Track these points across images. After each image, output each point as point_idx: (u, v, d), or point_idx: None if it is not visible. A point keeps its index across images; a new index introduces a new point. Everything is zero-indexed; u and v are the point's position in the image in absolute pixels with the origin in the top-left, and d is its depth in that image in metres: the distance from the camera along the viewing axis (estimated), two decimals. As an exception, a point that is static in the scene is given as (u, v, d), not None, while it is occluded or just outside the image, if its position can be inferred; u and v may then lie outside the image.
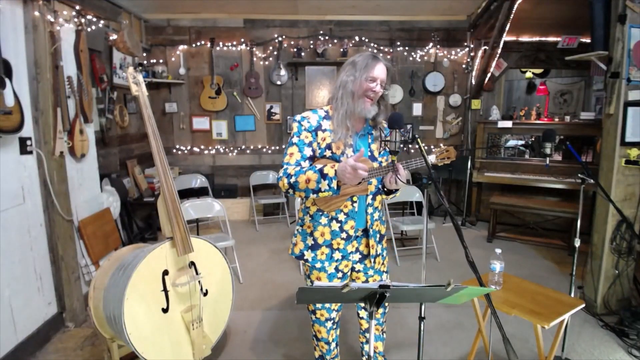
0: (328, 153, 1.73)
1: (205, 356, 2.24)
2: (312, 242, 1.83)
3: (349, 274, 1.91)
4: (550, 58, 5.28)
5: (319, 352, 2.06)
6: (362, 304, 1.89)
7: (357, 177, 1.50)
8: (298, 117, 1.78)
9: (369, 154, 1.82)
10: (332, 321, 1.97)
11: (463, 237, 1.44)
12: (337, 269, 1.85)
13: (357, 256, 1.89)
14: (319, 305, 1.92)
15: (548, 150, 2.30)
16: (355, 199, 1.79)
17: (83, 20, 3.08)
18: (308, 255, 1.85)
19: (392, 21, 5.37)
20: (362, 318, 2.08)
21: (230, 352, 2.57)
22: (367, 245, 1.89)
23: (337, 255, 1.83)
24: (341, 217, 1.80)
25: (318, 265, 1.84)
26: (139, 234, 4.36)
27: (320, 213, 1.81)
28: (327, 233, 1.81)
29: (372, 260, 1.89)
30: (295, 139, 1.75)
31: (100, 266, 2.81)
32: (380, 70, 1.71)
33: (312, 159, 1.75)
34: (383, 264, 1.97)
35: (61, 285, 2.76)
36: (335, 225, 1.80)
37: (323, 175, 1.57)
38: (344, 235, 1.81)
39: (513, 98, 7.41)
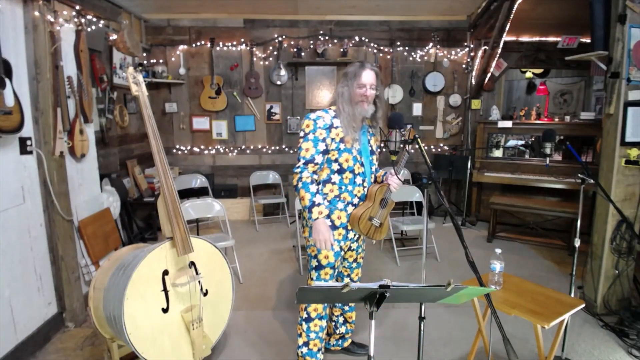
0: (342, 146, 2.03)
1: (205, 356, 2.24)
2: (330, 224, 2.05)
3: (345, 250, 2.20)
4: (550, 58, 5.28)
5: (305, 338, 2.20)
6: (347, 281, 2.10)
7: (320, 243, 1.98)
8: (313, 116, 2.04)
9: (370, 148, 2.16)
10: None
11: (463, 237, 1.44)
12: (340, 248, 2.12)
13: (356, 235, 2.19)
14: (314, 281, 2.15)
15: (548, 150, 2.30)
16: (365, 184, 2.11)
17: (83, 20, 3.08)
18: None
19: (392, 21, 5.37)
20: None
21: (230, 352, 2.57)
22: None
23: (351, 234, 2.13)
24: (355, 200, 2.10)
25: (336, 247, 2.10)
26: (139, 234, 4.36)
27: (338, 199, 2.08)
28: (343, 216, 2.08)
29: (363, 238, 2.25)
30: (310, 136, 2.01)
31: (100, 266, 2.81)
32: (367, 77, 2.01)
33: (325, 152, 2.03)
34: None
35: (61, 285, 2.76)
36: (350, 209, 2.09)
37: (310, 209, 1.97)
38: None
39: (513, 98, 7.41)
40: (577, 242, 2.40)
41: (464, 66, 5.47)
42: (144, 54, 5.02)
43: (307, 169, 2.00)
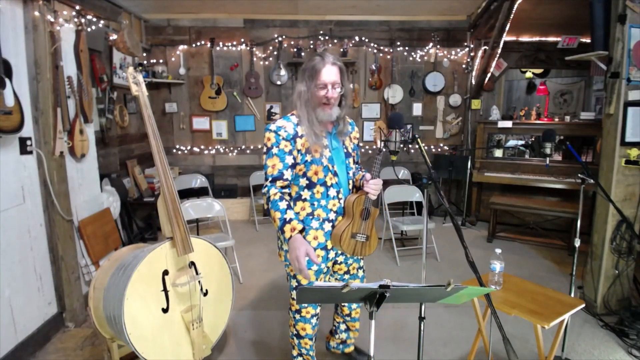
0: (309, 157, 1.77)
1: (205, 356, 2.24)
2: None
3: (331, 267, 1.98)
4: (550, 58, 5.28)
5: (298, 351, 2.11)
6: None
7: (295, 265, 1.65)
8: (273, 127, 1.77)
9: (345, 150, 1.89)
10: (317, 317, 2.05)
11: (463, 237, 1.44)
12: (320, 266, 1.90)
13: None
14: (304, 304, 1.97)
15: (548, 150, 2.30)
16: (341, 195, 1.86)
17: (83, 20, 3.08)
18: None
19: (392, 21, 5.37)
20: (344, 305, 2.15)
21: (230, 352, 2.57)
22: None
23: (332, 254, 1.90)
24: (332, 216, 1.85)
25: (314, 267, 1.86)
26: (139, 234, 4.35)
27: (311, 217, 1.84)
28: (320, 236, 1.84)
29: None
30: (274, 150, 1.75)
31: (100, 266, 2.81)
32: (328, 74, 1.70)
33: (294, 166, 1.78)
34: None
35: (61, 285, 2.76)
36: (328, 226, 1.86)
37: (282, 230, 1.69)
38: None
39: (513, 98, 7.41)
40: (577, 242, 2.40)
41: (464, 66, 5.47)
42: (144, 54, 5.02)
43: (274, 185, 1.75)
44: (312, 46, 5.33)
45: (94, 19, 3.32)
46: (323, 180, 1.80)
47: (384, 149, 1.79)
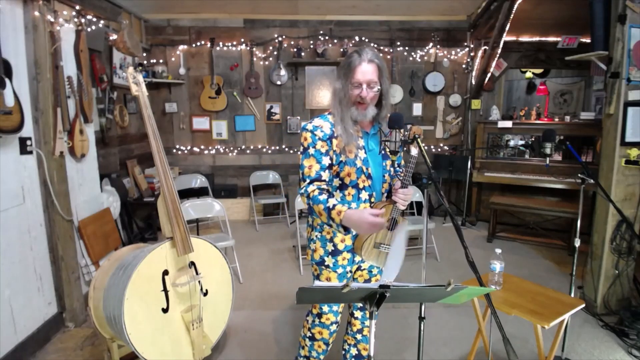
0: (343, 158, 1.70)
1: (205, 356, 2.24)
2: (333, 248, 1.80)
3: (353, 272, 1.91)
4: (550, 58, 5.28)
5: (307, 353, 2.00)
6: (360, 305, 1.90)
7: (375, 229, 1.54)
8: (310, 127, 1.71)
9: (382, 152, 1.80)
10: (337, 324, 1.95)
11: (463, 237, 1.44)
12: (345, 269, 1.84)
13: None
14: (325, 309, 1.89)
15: (548, 150, 2.30)
16: (373, 199, 1.77)
17: (83, 20, 3.08)
18: (329, 261, 1.81)
19: (392, 21, 5.37)
20: (356, 318, 2.01)
21: (230, 352, 2.57)
22: None
23: (358, 257, 1.82)
24: None
25: (340, 270, 1.82)
26: (139, 234, 4.36)
27: None
28: (347, 239, 1.79)
29: None
30: (311, 150, 1.69)
31: (100, 266, 2.81)
32: (363, 73, 1.62)
33: (331, 167, 1.72)
34: None
35: (61, 285, 2.76)
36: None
37: (330, 218, 1.58)
38: None
39: (513, 98, 7.40)
40: (577, 242, 2.39)
41: (464, 66, 5.47)
42: (144, 54, 5.02)
43: (312, 184, 1.67)
44: (312, 46, 5.33)
45: (94, 19, 3.32)
46: (355, 182, 1.73)
47: (416, 155, 1.62)
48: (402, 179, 1.68)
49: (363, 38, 5.36)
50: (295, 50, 5.27)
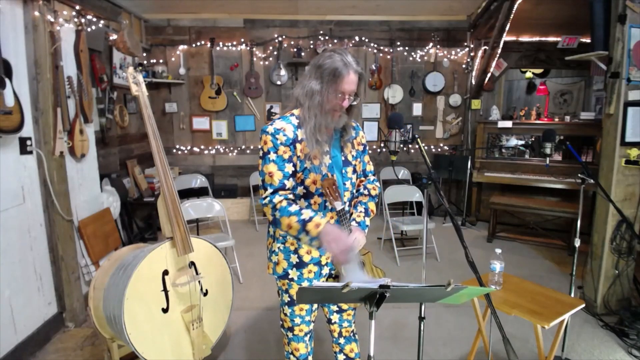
0: (308, 164, 1.59)
1: (205, 356, 2.24)
2: (297, 260, 1.68)
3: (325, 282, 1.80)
4: (550, 58, 5.29)
5: None
6: (335, 308, 1.85)
7: (341, 258, 1.45)
8: (270, 129, 1.58)
9: (343, 158, 1.69)
10: (310, 334, 1.86)
11: (463, 237, 1.44)
12: (312, 283, 1.71)
13: None
14: (297, 321, 1.79)
15: (548, 150, 2.30)
16: (334, 214, 1.65)
17: (83, 20, 3.08)
18: (293, 274, 1.69)
19: (392, 21, 5.37)
20: (333, 323, 1.90)
21: (230, 352, 2.57)
22: None
23: (326, 270, 1.73)
24: None
25: (305, 284, 1.69)
26: (139, 234, 4.36)
27: None
28: (314, 250, 1.66)
29: None
30: (272, 155, 1.57)
31: (100, 266, 2.81)
32: (350, 83, 1.51)
33: (295, 174, 1.60)
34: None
35: (61, 285, 2.76)
36: None
37: (305, 231, 1.47)
38: None
39: (513, 98, 7.40)
40: (577, 242, 2.40)
41: (464, 66, 5.47)
42: (144, 54, 5.02)
43: (277, 194, 1.56)
44: (312, 46, 5.33)
45: (94, 19, 3.32)
46: (321, 190, 1.62)
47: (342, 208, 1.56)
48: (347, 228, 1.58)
49: (363, 38, 5.36)
50: (295, 50, 5.27)
